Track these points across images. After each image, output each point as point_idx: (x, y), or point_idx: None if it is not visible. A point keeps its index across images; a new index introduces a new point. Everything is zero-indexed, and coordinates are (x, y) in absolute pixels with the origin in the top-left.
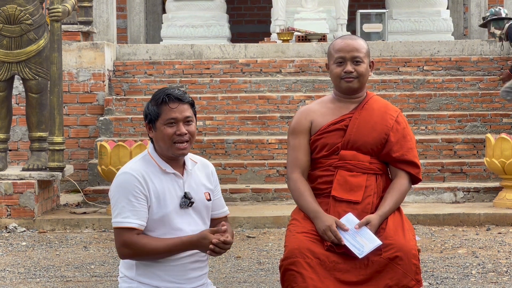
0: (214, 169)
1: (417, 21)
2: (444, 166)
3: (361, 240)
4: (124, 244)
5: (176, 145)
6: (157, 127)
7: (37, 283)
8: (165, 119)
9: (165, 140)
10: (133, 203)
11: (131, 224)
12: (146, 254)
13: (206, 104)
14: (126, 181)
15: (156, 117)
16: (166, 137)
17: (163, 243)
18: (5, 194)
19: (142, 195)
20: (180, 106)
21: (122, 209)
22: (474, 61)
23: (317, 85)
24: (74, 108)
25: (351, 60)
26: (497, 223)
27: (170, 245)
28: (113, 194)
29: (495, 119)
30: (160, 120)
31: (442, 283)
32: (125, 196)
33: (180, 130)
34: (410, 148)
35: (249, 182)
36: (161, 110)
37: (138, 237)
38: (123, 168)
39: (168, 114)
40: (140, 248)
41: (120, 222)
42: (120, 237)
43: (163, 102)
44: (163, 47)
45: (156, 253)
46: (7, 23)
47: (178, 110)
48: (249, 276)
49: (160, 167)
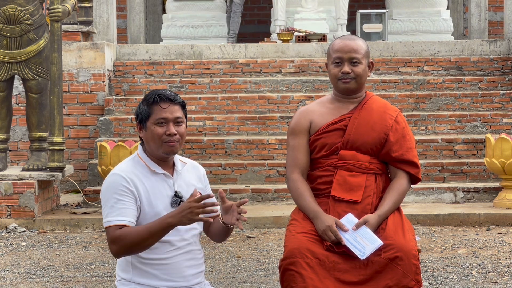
0: (204, 171)
1: (417, 21)
2: (444, 166)
3: (361, 241)
4: (111, 241)
5: (165, 144)
6: (148, 127)
7: (37, 283)
8: (156, 119)
9: (155, 140)
10: (121, 201)
11: (120, 222)
12: (132, 243)
13: (206, 104)
14: (114, 182)
15: (147, 116)
16: (156, 137)
17: (144, 226)
18: (5, 194)
19: (130, 193)
20: (171, 106)
21: (111, 208)
22: (474, 61)
23: (317, 85)
24: (74, 108)
25: (348, 61)
26: (497, 223)
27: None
28: (102, 196)
29: (495, 119)
30: (150, 120)
31: (442, 283)
32: (112, 196)
33: (170, 130)
34: (409, 148)
35: (249, 182)
36: (152, 110)
37: (120, 230)
38: (113, 170)
39: (159, 113)
40: (124, 239)
41: (109, 221)
42: (108, 236)
43: (154, 102)
44: (163, 47)
45: (141, 239)
46: (7, 23)
47: (169, 110)
48: (249, 276)
49: (149, 168)
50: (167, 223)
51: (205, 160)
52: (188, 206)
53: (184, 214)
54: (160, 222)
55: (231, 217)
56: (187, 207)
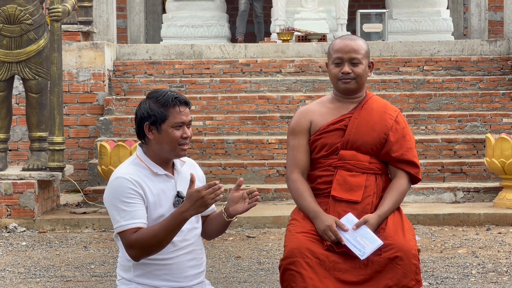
0: (200, 169)
1: (417, 21)
2: (444, 166)
3: (361, 241)
4: (129, 246)
5: (180, 146)
6: (163, 129)
7: (37, 283)
8: (174, 122)
9: (171, 143)
10: (131, 204)
11: (135, 225)
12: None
13: (206, 104)
14: (120, 185)
15: (163, 119)
16: (174, 140)
17: (158, 225)
18: (5, 194)
19: (138, 195)
20: (186, 109)
21: (122, 212)
22: (474, 61)
23: (317, 85)
24: (74, 108)
25: (348, 61)
26: (497, 223)
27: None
28: (109, 201)
29: (495, 119)
30: (167, 123)
31: (442, 283)
32: (121, 200)
33: (187, 133)
34: (409, 147)
35: (249, 182)
36: (169, 113)
37: (135, 234)
38: (115, 174)
39: (178, 117)
40: (141, 242)
41: (123, 225)
42: (124, 241)
43: (173, 105)
44: (163, 47)
45: (158, 239)
46: (7, 23)
47: (185, 114)
48: (249, 276)
49: (152, 170)
50: (183, 217)
51: (205, 160)
52: (199, 196)
53: (199, 204)
54: (174, 218)
55: (243, 204)
56: (199, 196)
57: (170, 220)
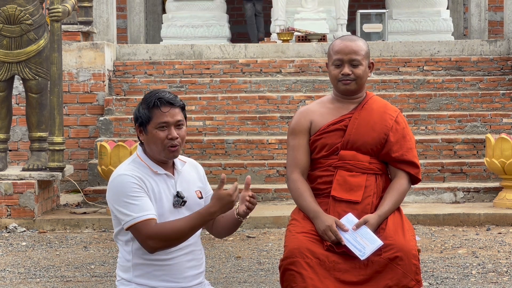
0: (202, 169)
1: (417, 21)
2: (444, 166)
3: (362, 241)
4: (148, 237)
5: (168, 148)
6: (149, 131)
7: (37, 283)
8: (157, 123)
9: (157, 144)
10: (138, 198)
11: (147, 216)
12: (172, 238)
13: (206, 104)
14: (123, 182)
15: (147, 120)
16: (158, 141)
17: (183, 220)
18: (5, 194)
19: (142, 190)
20: (171, 110)
21: (130, 206)
22: (474, 61)
23: (317, 85)
24: (74, 108)
25: (348, 62)
26: (497, 223)
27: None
28: (115, 199)
29: (495, 119)
30: (151, 124)
31: (442, 283)
32: (126, 195)
33: (172, 134)
34: (409, 148)
35: None
36: (152, 114)
37: (157, 225)
38: (116, 172)
39: (160, 118)
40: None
41: (134, 218)
42: (141, 233)
43: (155, 105)
44: (163, 47)
45: (181, 234)
46: (7, 23)
47: (170, 114)
48: (249, 276)
49: (152, 169)
50: (210, 217)
51: (205, 160)
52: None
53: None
54: (203, 217)
55: (242, 205)
56: (230, 200)
57: (198, 217)
